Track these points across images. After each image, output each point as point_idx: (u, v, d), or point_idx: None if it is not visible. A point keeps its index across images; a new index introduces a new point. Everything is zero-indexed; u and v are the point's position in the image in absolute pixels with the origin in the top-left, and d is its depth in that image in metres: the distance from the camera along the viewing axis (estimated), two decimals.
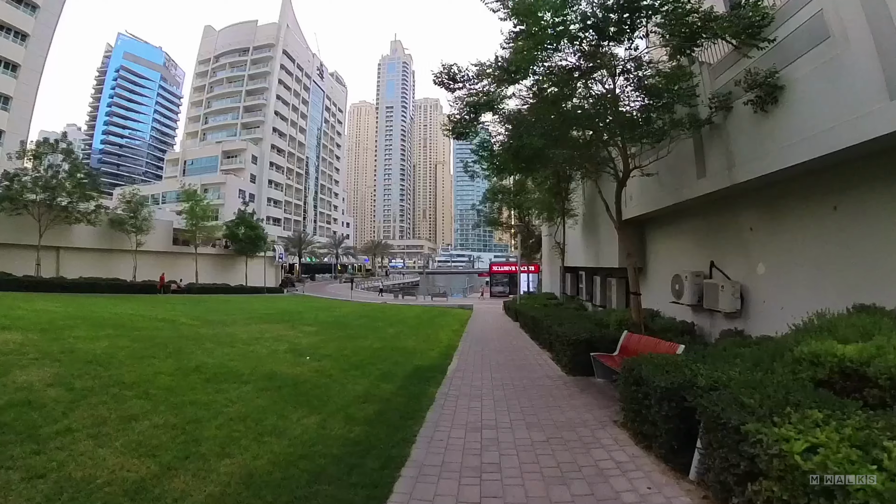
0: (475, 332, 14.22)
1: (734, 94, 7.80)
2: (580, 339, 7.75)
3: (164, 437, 4.14)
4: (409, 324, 16.02)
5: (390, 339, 11.29)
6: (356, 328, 13.70)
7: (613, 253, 14.36)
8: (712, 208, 9.66)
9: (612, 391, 6.72)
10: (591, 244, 16.93)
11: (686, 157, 9.48)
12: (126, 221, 33.19)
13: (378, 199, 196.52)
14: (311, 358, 8.32)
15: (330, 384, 6.46)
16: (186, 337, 9.52)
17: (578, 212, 17.16)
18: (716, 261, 9.61)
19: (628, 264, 9.46)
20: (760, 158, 7.20)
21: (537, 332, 11.39)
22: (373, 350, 9.55)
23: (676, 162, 9.87)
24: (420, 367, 8.00)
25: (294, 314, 17.66)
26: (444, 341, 11.43)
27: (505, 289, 40.88)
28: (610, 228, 14.93)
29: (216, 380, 6.28)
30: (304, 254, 70.12)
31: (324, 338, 11.12)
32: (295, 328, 12.66)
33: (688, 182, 9.56)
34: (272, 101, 68.55)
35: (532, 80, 8.54)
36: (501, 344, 11.45)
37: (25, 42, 36.72)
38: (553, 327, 9.20)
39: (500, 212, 28.71)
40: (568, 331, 8.13)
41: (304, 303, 27.78)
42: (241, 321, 13.72)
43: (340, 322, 15.27)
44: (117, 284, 28.07)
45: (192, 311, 16.05)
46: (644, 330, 9.02)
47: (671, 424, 3.97)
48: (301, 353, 8.80)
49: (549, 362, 8.84)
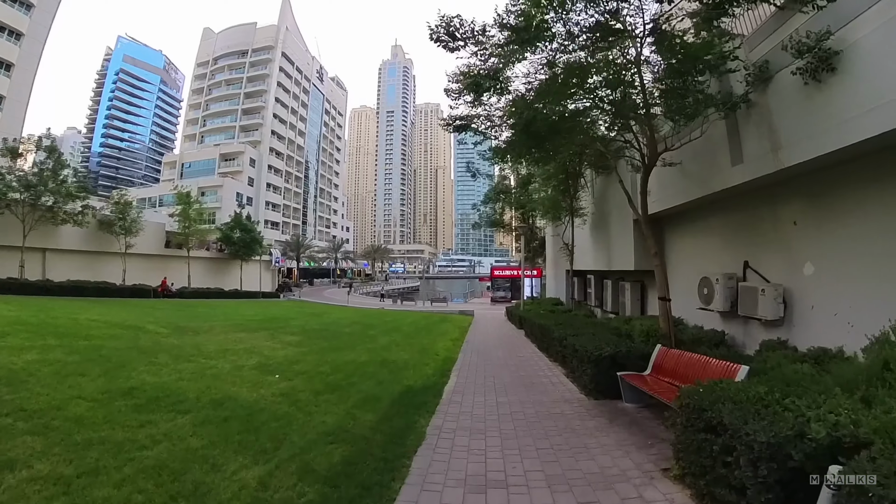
0: (476, 342, 12.87)
1: (775, 64, 6.57)
2: (603, 355, 6.41)
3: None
4: (404, 332, 14.68)
5: (380, 351, 9.94)
6: (345, 338, 12.36)
7: (628, 254, 13.04)
8: (746, 201, 8.40)
9: (648, 420, 5.39)
10: (602, 245, 15.61)
11: (717, 142, 8.21)
12: (114, 223, 31.94)
13: (379, 204, 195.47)
14: (281, 376, 6.99)
15: (293, 414, 5.13)
16: (141, 348, 8.21)
17: (588, 211, 15.84)
18: (750, 261, 8.33)
19: (655, 265, 8.13)
20: (814, 137, 5.94)
21: (546, 342, 10.04)
22: (358, 365, 8.21)
23: (705, 149, 8.60)
24: (411, 387, 6.65)
25: (281, 321, 16.36)
26: (442, 353, 10.08)
27: (507, 294, 39.60)
28: (623, 228, 13.61)
29: (149, 407, 4.97)
30: (303, 258, 68.87)
31: (304, 349, 9.79)
32: (275, 338, 11.34)
33: (719, 171, 8.28)
34: (271, 104, 67.55)
35: (547, 50, 7.23)
36: (506, 356, 10.10)
37: (20, 41, 36.17)
38: (567, 339, 7.85)
39: (501, 213, 27.43)
40: (588, 345, 6.78)
41: (297, 308, 26.46)
42: (218, 329, 12.41)
43: (329, 330, 13.94)
44: (105, 288, 27.14)
45: (169, 317, 14.75)
46: (675, 342, 7.71)
47: (771, 495, 2.65)
48: (271, 369, 7.47)
49: (563, 380, 7.49)
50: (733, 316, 8.45)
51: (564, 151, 9.55)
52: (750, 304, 7.76)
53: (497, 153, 10.31)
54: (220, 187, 60.06)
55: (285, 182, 72.64)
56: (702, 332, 8.79)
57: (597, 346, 6.66)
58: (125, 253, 32.71)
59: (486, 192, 26.21)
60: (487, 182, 27.74)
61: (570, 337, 7.88)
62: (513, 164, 11.68)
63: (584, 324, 10.25)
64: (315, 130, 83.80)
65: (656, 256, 8.11)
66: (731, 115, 7.46)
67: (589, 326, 9.60)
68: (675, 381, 5.75)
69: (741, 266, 8.45)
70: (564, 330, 8.70)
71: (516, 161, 10.54)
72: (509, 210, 26.91)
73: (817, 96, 5.90)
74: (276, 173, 70.00)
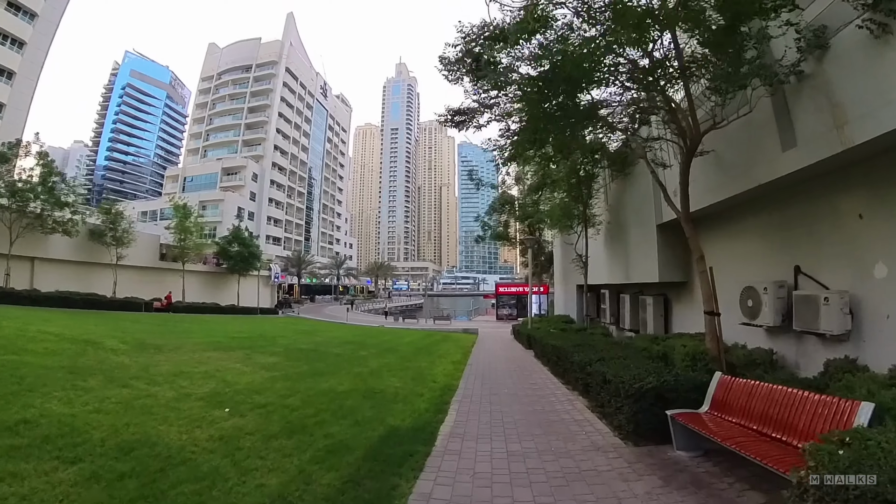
0: (481, 365, 11.33)
1: (833, 25, 5.37)
2: (646, 388, 4.92)
3: None
4: (400, 353, 13.17)
5: (368, 378, 8.43)
6: (330, 360, 10.88)
7: (650, 264, 11.60)
8: (796, 194, 7.08)
9: (717, 479, 3.89)
10: (619, 256, 14.16)
11: (761, 125, 6.91)
12: (105, 233, 30.90)
13: (383, 221, 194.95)
14: (233, 410, 5.53)
15: (223, 471, 3.66)
16: (74, 368, 6.78)
17: (602, 219, 14.43)
18: (803, 265, 6.95)
19: (699, 271, 6.67)
20: (893, 103, 4.69)
21: (563, 367, 8.52)
22: (335, 396, 6.72)
23: (745, 134, 7.30)
24: (396, 429, 5.14)
25: (266, 339, 14.91)
26: (441, 379, 8.56)
27: (512, 311, 37.98)
28: (644, 235, 12.16)
29: (27, 451, 3.60)
30: (304, 274, 67.56)
31: (277, 374, 8.32)
32: (249, 359, 9.88)
33: (765, 159, 6.95)
34: (274, 119, 67.37)
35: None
36: (515, 383, 8.56)
37: (22, 50, 36.25)
38: (593, 366, 6.34)
39: (506, 225, 26.07)
40: (623, 374, 5.29)
41: (291, 325, 25.00)
42: (188, 347, 10.97)
43: (316, 351, 12.46)
44: (94, 300, 25.99)
45: (141, 333, 13.36)
46: (727, 367, 6.22)
47: None
48: (224, 400, 6.02)
49: (588, 416, 5.96)
50: (784, 331, 7.08)
51: (580, 131, 8.12)
52: (809, 317, 6.36)
53: (514, 145, 8.90)
54: (222, 201, 59.38)
55: (287, 197, 71.97)
56: (751, 352, 7.28)
57: (635, 375, 5.17)
58: (116, 264, 31.58)
59: (490, 203, 24.86)
60: (491, 193, 26.47)
61: (597, 363, 6.38)
62: (523, 161, 10.28)
63: (607, 345, 8.73)
64: (318, 146, 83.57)
65: (701, 262, 6.67)
66: (778, 90, 6.18)
67: (613, 348, 8.09)
68: (751, 424, 4.29)
69: (791, 272, 7.07)
70: (586, 354, 7.19)
71: (531, 150, 9.12)
72: (514, 222, 25.57)
73: (891, 54, 4.69)
74: (278, 188, 69.40)
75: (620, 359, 6.56)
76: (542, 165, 12.10)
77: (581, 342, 8.77)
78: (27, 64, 36.36)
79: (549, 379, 8.87)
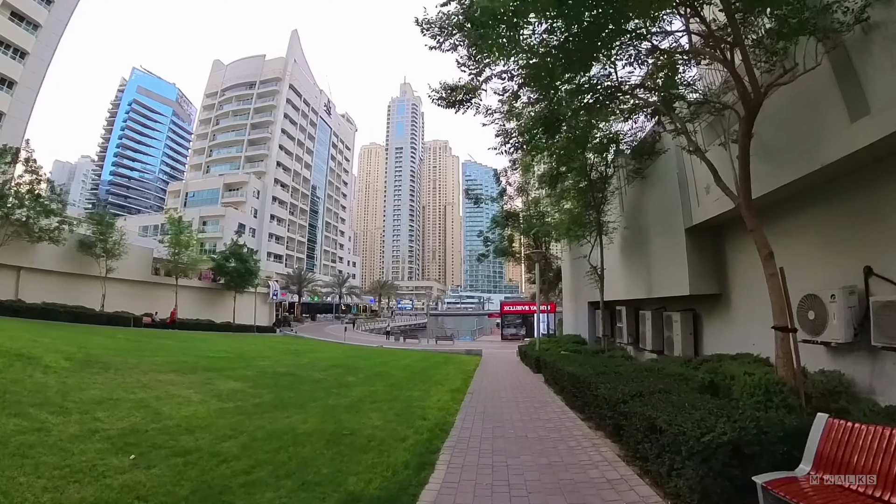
0: (483, 394, 9.71)
1: None
2: (717, 441, 3.38)
3: None
4: (392, 378, 11.57)
5: (343, 412, 6.88)
6: (306, 387, 9.32)
7: (679, 274, 10.07)
8: (863, 177, 5.62)
9: None
10: (638, 269, 12.62)
11: (818, 93, 5.53)
12: (94, 244, 29.82)
13: (387, 240, 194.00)
14: (141, 458, 4.06)
15: None
16: None
17: (617, 225, 12.93)
18: (875, 266, 5.54)
19: (768, 273, 5.16)
20: None
21: (582, 398, 6.92)
22: (290, 439, 5.19)
23: (799, 107, 5.93)
24: (355, 498, 3.60)
25: (244, 360, 13.40)
26: (433, 414, 6.96)
27: (518, 331, 36.24)
28: (670, 242, 10.65)
29: None
30: (305, 292, 66.06)
31: (230, 405, 6.80)
32: (208, 384, 8.37)
33: (828, 133, 5.60)
34: (277, 135, 67.11)
35: None
36: (525, 419, 6.95)
37: (24, 60, 36.22)
38: (631, 405, 4.75)
39: (511, 240, 24.61)
40: (682, 420, 3.74)
41: (281, 345, 23.41)
42: (144, 366, 9.46)
43: (295, 375, 10.90)
44: (80, 313, 25.18)
45: (101, 347, 11.98)
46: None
47: None
48: (141, 441, 4.55)
49: (624, 474, 4.35)
50: (855, 348, 5.64)
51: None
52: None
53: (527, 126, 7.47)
54: (223, 217, 58.62)
55: (290, 214, 71.17)
56: (829, 377, 5.71)
57: (699, 422, 3.63)
58: (105, 277, 30.43)
59: (493, 216, 23.47)
60: (495, 210, 25.15)
61: (635, 401, 4.82)
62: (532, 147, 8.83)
63: (635, 372, 7.15)
64: (322, 164, 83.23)
65: (770, 262, 5.14)
66: (837, 45, 4.85)
67: (646, 376, 6.52)
68: (889, 497, 2.76)
69: (859, 275, 5.63)
70: (614, 385, 5.63)
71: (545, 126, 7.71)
72: (519, 236, 24.14)
73: None
74: (280, 205, 68.67)
75: (662, 392, 5.02)
76: (554, 154, 10.56)
77: (603, 369, 7.20)
78: (29, 74, 36.28)
79: (564, 413, 7.26)
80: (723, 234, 9.70)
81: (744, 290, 9.08)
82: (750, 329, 8.68)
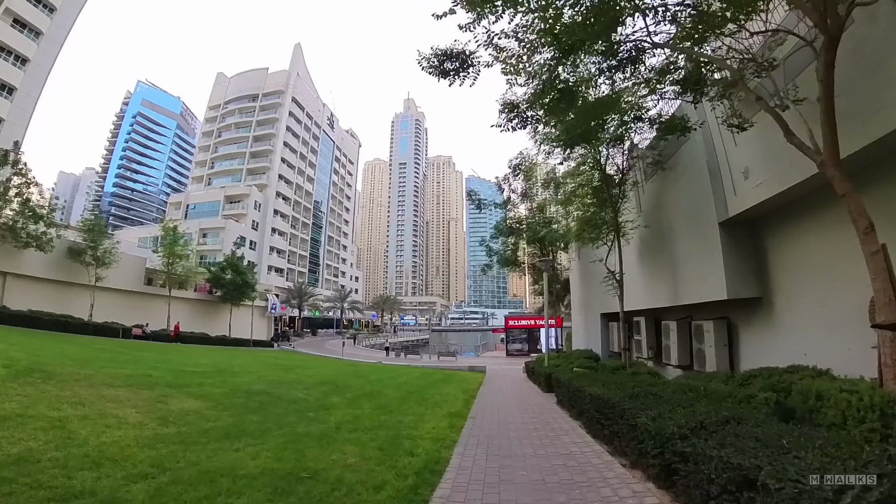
0: (487, 419, 8.30)
1: None
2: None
3: None
4: (384, 399, 10.17)
5: (312, 442, 5.50)
6: (277, 409, 7.95)
7: (712, 277, 8.73)
8: None
9: None
10: (661, 274, 11.26)
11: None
12: (84, 252, 28.81)
13: (391, 256, 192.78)
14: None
15: None
16: None
17: (636, 224, 11.58)
18: None
19: (870, 252, 3.82)
20: None
21: (611, 427, 5.53)
22: (226, 485, 3.81)
23: (874, 50, 4.72)
24: None
25: (221, 375, 12.10)
26: (424, 449, 5.54)
27: (523, 346, 34.70)
28: (701, 241, 9.28)
29: None
30: (306, 306, 64.64)
31: (172, 431, 5.45)
32: (160, 402, 7.03)
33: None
34: (279, 148, 66.67)
35: None
36: (539, 454, 5.52)
37: (25, 67, 36.21)
38: (694, 442, 3.39)
39: (515, 248, 23.27)
40: (797, 471, 2.39)
41: (271, 360, 22.00)
42: (97, 379, 8.13)
43: (266, 394, 9.50)
44: (66, 322, 24.31)
45: (60, 356, 10.76)
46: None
47: None
48: (14, 476, 3.24)
49: None
50: None
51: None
52: None
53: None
54: (223, 229, 57.78)
55: (291, 228, 70.29)
56: None
57: (820, 470, 2.29)
58: (94, 286, 29.45)
59: (496, 224, 22.20)
60: (497, 214, 23.90)
61: (698, 436, 3.47)
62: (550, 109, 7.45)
63: (675, 392, 5.77)
64: (325, 177, 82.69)
65: (870, 236, 3.81)
66: None
67: (693, 398, 5.16)
68: None
69: None
70: (661, 412, 4.27)
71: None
72: (524, 245, 22.82)
73: None
74: (282, 218, 67.87)
75: (732, 422, 3.67)
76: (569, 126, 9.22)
77: (634, 389, 5.82)
78: (29, 81, 36.22)
79: (586, 444, 5.85)
80: (763, 228, 8.38)
81: (791, 291, 7.73)
82: (799, 337, 7.33)
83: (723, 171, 8.54)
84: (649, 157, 10.94)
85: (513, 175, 18.66)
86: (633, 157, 11.10)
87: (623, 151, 10.90)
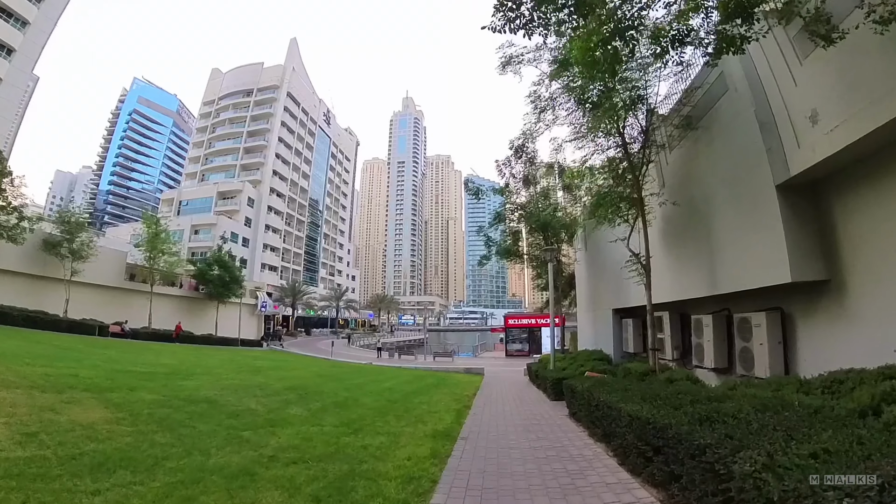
0: (484, 439, 6.48)
1: None
2: None
3: None
4: (356, 411, 8.33)
5: (215, 487, 3.71)
6: (210, 423, 6.14)
7: (769, 256, 6.92)
8: None
9: None
10: (692, 258, 9.44)
11: None
12: (60, 244, 26.98)
13: (389, 255, 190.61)
14: None
15: None
16: None
17: (661, 201, 9.74)
18: None
19: None
20: None
21: (667, 468, 3.74)
22: None
23: None
24: None
25: (172, 377, 10.35)
26: (395, 487, 3.79)
27: (523, 346, 32.97)
28: (750, 213, 7.25)
29: None
30: (300, 305, 62.75)
31: (28, 454, 3.65)
32: (54, 409, 5.21)
33: None
34: (273, 143, 64.85)
35: None
36: (551, 496, 3.76)
37: (11, 57, 35.03)
38: None
39: (515, 239, 21.48)
40: None
41: (248, 360, 20.21)
42: (20, 385, 6.34)
43: (213, 402, 7.72)
44: (38, 318, 22.78)
45: None
46: None
47: None
48: None
49: None
50: None
51: None
52: None
53: None
54: (214, 225, 56.06)
55: (286, 225, 68.45)
56: None
57: None
58: (69, 280, 27.73)
59: (496, 210, 20.37)
60: (496, 201, 22.15)
61: None
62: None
63: (752, 410, 3.95)
64: (321, 174, 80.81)
65: None
66: None
67: (785, 419, 3.34)
68: None
69: None
70: (795, 454, 2.47)
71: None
72: (524, 234, 21.06)
73: None
74: (276, 215, 66.07)
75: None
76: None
77: (696, 409, 4.02)
78: (14, 71, 35.07)
79: (622, 486, 4.02)
80: (830, 193, 6.57)
81: (873, 271, 5.93)
82: (886, 329, 5.56)
83: (779, 121, 6.75)
84: (674, 120, 9.16)
85: (514, 157, 16.84)
86: (653, 124, 9.26)
87: (646, 108, 9.06)
